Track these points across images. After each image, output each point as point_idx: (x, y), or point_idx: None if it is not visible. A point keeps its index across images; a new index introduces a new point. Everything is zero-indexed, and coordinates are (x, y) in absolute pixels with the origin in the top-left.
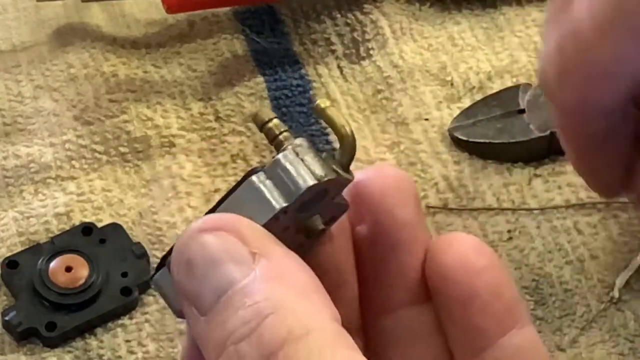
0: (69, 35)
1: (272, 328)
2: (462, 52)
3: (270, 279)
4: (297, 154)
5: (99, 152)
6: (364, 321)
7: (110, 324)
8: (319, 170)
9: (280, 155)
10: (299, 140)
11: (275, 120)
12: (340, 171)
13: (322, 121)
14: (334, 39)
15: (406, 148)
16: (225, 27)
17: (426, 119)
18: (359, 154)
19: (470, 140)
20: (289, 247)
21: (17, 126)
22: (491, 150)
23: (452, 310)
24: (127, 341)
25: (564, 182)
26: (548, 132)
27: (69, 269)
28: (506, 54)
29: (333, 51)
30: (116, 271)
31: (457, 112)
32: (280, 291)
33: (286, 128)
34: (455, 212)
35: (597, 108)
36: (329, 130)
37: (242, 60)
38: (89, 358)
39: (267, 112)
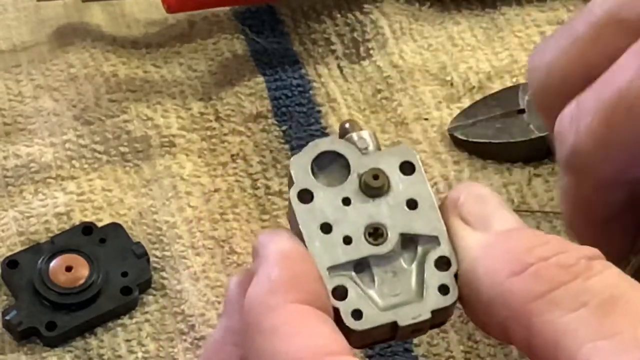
0: (69, 35)
1: None
2: (462, 52)
3: None
4: None
5: (99, 152)
6: None
7: (110, 324)
8: None
9: None
10: None
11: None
12: None
13: (322, 121)
14: (334, 38)
15: None
16: (226, 27)
17: (426, 119)
18: None
19: (470, 140)
20: None
21: (17, 126)
22: (491, 150)
23: None
24: (127, 341)
25: None
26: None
27: (69, 269)
28: (506, 54)
29: (333, 51)
30: (116, 271)
31: (457, 112)
32: None
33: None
34: None
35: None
36: (329, 130)
37: (242, 60)
38: (89, 358)
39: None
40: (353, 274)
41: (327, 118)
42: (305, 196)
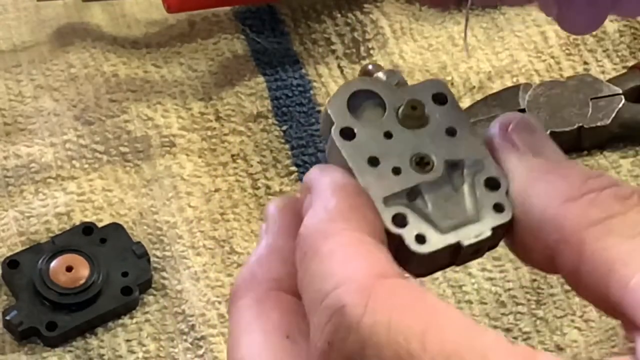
0: (69, 35)
1: None
2: (462, 52)
3: None
4: None
5: (100, 152)
6: None
7: (110, 324)
8: None
9: None
10: None
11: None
12: None
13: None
14: (334, 38)
15: None
16: (226, 27)
17: None
18: None
19: None
20: None
21: (17, 126)
22: None
23: None
24: (128, 341)
25: None
26: (548, 132)
27: (69, 269)
28: (506, 54)
29: (333, 51)
30: (117, 271)
31: None
32: None
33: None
34: None
35: None
36: None
37: (243, 60)
38: (89, 358)
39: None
40: (407, 202)
41: None
42: (347, 134)
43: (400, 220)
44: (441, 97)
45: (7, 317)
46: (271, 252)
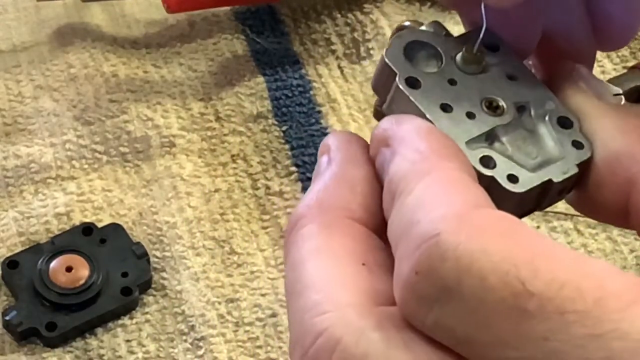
0: (69, 35)
1: None
2: None
3: None
4: None
5: (99, 152)
6: None
7: (110, 324)
8: None
9: None
10: None
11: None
12: None
13: (322, 121)
14: (334, 39)
15: None
16: (226, 27)
17: None
18: None
19: None
20: None
21: (17, 126)
22: None
23: None
24: (128, 341)
25: None
26: None
27: (69, 269)
28: None
29: (333, 51)
30: (116, 271)
31: None
32: None
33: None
34: None
35: None
36: (330, 130)
37: (243, 60)
38: (89, 358)
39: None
40: (487, 146)
41: (327, 118)
42: (412, 83)
43: (487, 162)
44: (494, 45)
45: (7, 318)
46: (339, 180)
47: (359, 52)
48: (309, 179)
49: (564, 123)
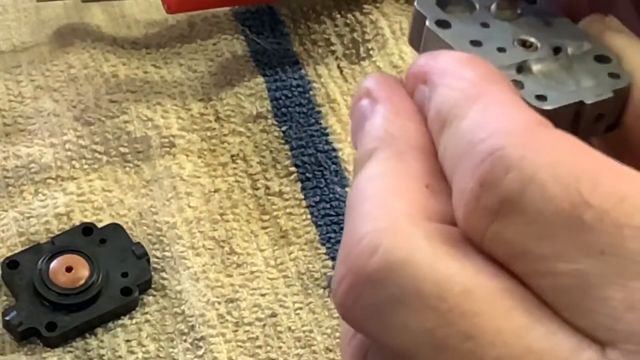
0: (69, 35)
1: None
2: None
3: None
4: None
5: (99, 153)
6: None
7: (110, 324)
8: None
9: None
10: None
11: None
12: None
13: (322, 121)
14: (333, 39)
15: None
16: (226, 28)
17: None
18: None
19: None
20: None
21: (17, 126)
22: None
23: None
24: (127, 341)
25: None
26: None
27: (69, 269)
28: None
29: (333, 51)
30: (116, 271)
31: None
32: None
33: None
34: None
35: None
36: (329, 130)
37: (242, 61)
38: (89, 358)
39: None
40: (518, 74)
41: (327, 118)
42: (443, 24)
43: (516, 84)
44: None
45: (7, 318)
46: (396, 112)
47: (358, 53)
48: (309, 179)
49: (602, 59)
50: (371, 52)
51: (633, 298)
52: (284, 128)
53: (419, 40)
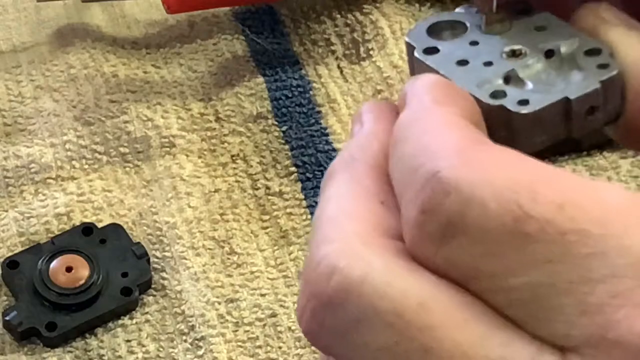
0: (69, 35)
1: None
2: None
3: None
4: None
5: (100, 153)
6: None
7: (110, 324)
8: None
9: None
10: None
11: None
12: None
13: (322, 121)
14: (333, 39)
15: None
16: (226, 28)
17: None
18: None
19: None
20: None
21: (17, 126)
22: None
23: None
24: (128, 341)
25: None
26: None
27: (69, 269)
28: None
29: (333, 51)
30: (116, 271)
31: None
32: None
33: None
34: None
35: None
36: (329, 130)
37: (242, 61)
38: (89, 358)
39: None
40: (503, 84)
41: (327, 118)
42: (431, 51)
43: (497, 95)
44: (521, 9)
45: (7, 318)
46: (368, 135)
47: (358, 53)
48: (309, 179)
49: (592, 52)
50: (371, 52)
51: (585, 302)
52: (284, 128)
53: (413, 69)
